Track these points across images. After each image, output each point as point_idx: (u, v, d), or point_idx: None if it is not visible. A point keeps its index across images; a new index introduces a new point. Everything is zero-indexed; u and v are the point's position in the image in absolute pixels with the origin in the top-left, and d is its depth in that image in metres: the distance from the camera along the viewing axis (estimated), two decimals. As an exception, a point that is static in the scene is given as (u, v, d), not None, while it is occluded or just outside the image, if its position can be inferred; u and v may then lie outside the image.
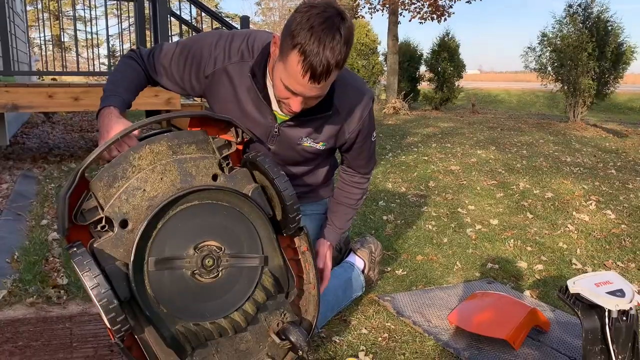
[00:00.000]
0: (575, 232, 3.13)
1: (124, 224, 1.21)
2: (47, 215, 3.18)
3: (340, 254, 2.23)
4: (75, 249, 1.12)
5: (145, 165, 1.23)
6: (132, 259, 1.17)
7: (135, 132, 1.27)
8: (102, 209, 1.19)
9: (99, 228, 1.20)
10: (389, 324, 1.91)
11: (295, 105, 1.37)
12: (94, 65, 7.21)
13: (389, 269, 2.49)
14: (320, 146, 1.62)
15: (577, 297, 1.52)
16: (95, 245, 1.18)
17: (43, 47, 6.85)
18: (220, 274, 1.29)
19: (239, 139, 1.40)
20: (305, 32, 1.22)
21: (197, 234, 1.26)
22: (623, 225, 3.26)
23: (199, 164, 1.29)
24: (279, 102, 1.44)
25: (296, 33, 1.24)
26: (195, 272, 1.26)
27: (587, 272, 2.48)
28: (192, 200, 1.25)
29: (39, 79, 9.76)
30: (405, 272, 2.46)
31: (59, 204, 1.15)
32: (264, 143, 1.59)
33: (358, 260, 2.13)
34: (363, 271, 2.12)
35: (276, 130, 1.56)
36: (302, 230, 1.45)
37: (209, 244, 1.27)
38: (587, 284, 1.52)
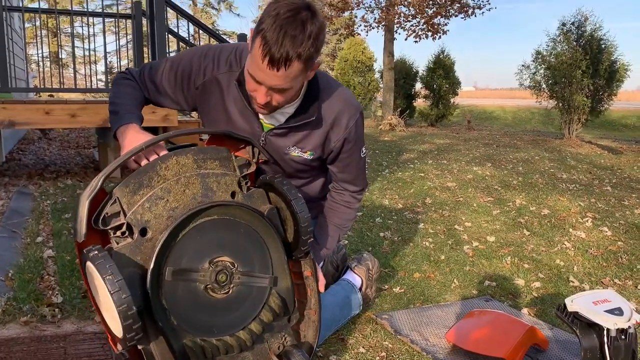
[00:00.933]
0: (572, 249, 3.13)
1: (143, 232, 1.22)
2: (42, 232, 3.16)
3: (337, 272, 2.22)
4: (96, 252, 1.11)
5: (170, 176, 1.26)
6: (151, 267, 1.17)
7: (162, 143, 1.30)
8: (125, 215, 1.21)
9: (118, 234, 1.21)
10: (386, 342, 1.90)
11: (260, 96, 1.35)
12: (91, 82, 7.23)
13: (387, 286, 2.48)
14: (307, 155, 1.61)
15: (576, 316, 1.51)
16: (114, 250, 1.18)
17: (41, 63, 6.86)
18: (231, 291, 1.29)
19: (254, 159, 1.42)
20: (269, 20, 1.25)
21: (214, 249, 1.27)
22: (620, 242, 3.26)
23: (220, 180, 1.32)
24: (250, 100, 1.45)
25: (262, 20, 1.27)
26: (208, 286, 1.26)
27: (584, 290, 2.48)
28: (212, 214, 1.27)
29: (36, 95, 9.78)
30: (402, 290, 2.45)
31: (77, 207, 1.16)
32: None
33: (355, 278, 2.12)
34: (360, 289, 2.11)
35: (263, 139, 1.56)
36: (308, 255, 1.45)
37: (224, 259, 1.28)
38: (585, 302, 1.52)
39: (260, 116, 1.53)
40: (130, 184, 1.22)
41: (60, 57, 5.92)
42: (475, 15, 13.24)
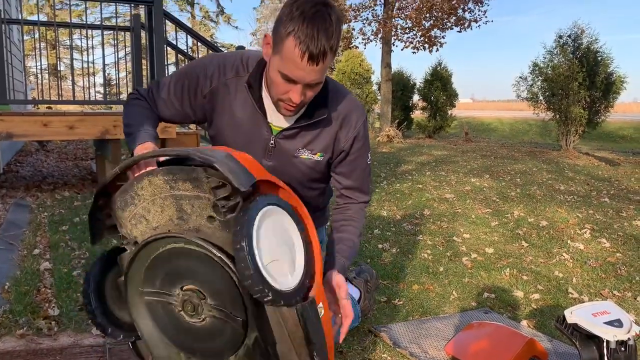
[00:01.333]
0: (571, 260, 3.13)
1: (135, 245, 1.24)
2: (39, 244, 3.14)
3: (336, 284, 2.21)
4: None
5: (148, 197, 1.23)
6: (124, 280, 1.23)
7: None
8: (120, 228, 1.26)
9: (124, 242, 1.26)
10: (385, 355, 1.88)
11: (296, 95, 1.37)
12: (89, 94, 7.25)
13: (385, 298, 2.47)
14: (318, 157, 1.60)
15: (575, 328, 1.51)
16: (119, 256, 1.26)
17: (39, 75, 6.89)
18: (204, 321, 1.21)
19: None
20: (297, 19, 1.27)
21: (183, 276, 1.21)
22: (618, 254, 3.26)
23: (194, 202, 1.21)
24: (276, 104, 1.45)
25: (289, 22, 1.28)
26: (180, 310, 1.22)
27: (584, 302, 2.48)
28: (179, 242, 1.19)
29: (34, 107, 9.79)
30: (401, 302, 2.44)
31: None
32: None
33: (353, 290, 2.11)
34: (359, 301, 2.10)
35: (272, 143, 1.56)
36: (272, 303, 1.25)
37: (192, 288, 1.20)
38: (585, 314, 1.51)
39: (269, 119, 1.53)
40: (117, 200, 1.23)
41: (58, 69, 5.93)
42: (472, 29, 13.35)
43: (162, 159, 1.29)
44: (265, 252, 1.08)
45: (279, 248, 1.13)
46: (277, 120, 1.54)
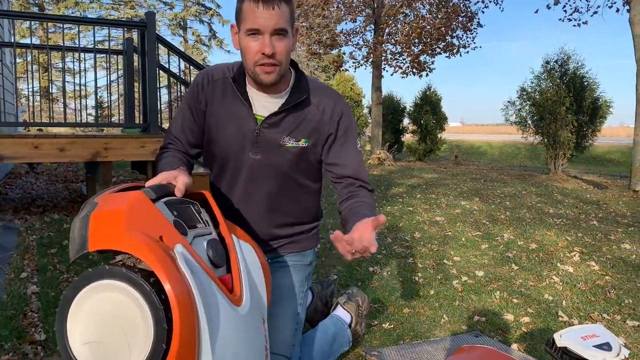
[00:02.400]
0: (561, 283, 3.14)
1: None
2: (27, 267, 3.11)
3: (327, 307, 2.20)
4: None
5: None
6: None
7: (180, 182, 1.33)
8: None
9: None
10: (376, 379, 1.87)
11: (266, 46, 1.43)
12: (81, 116, 7.24)
13: (376, 322, 2.46)
14: (302, 143, 1.62)
15: (564, 351, 1.50)
16: None
17: (31, 98, 6.89)
18: None
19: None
20: None
21: None
22: (607, 277, 3.28)
23: None
24: (255, 73, 1.49)
25: None
26: None
27: (573, 325, 2.48)
28: None
29: (25, 129, 9.76)
30: (392, 326, 2.43)
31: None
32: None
33: (344, 314, 2.11)
34: (350, 325, 2.09)
35: (257, 132, 1.59)
36: None
37: None
38: (574, 337, 1.51)
39: (254, 109, 1.58)
40: None
41: (50, 91, 5.95)
42: (461, 55, 13.55)
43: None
44: (81, 331, 0.98)
45: (107, 330, 0.98)
46: (262, 110, 1.59)
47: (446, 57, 13.53)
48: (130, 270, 0.99)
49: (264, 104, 1.59)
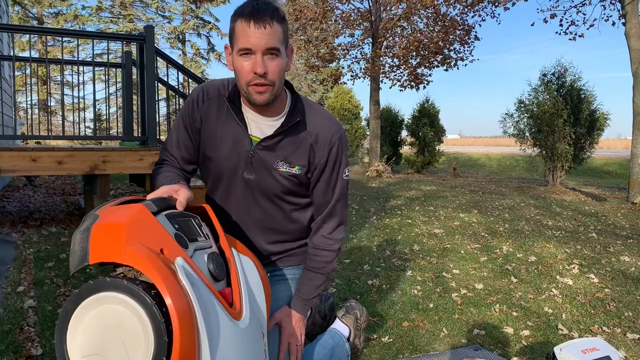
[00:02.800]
0: (560, 296, 3.13)
1: None
2: (24, 281, 3.09)
3: (325, 321, 2.19)
4: None
5: None
6: None
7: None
8: None
9: None
10: (375, 394, 1.85)
11: (258, 66, 1.42)
12: (79, 129, 7.25)
13: (375, 335, 2.45)
14: (296, 170, 1.61)
15: (565, 365, 1.50)
16: None
17: (29, 111, 6.90)
18: None
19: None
20: (239, 8, 1.43)
21: None
22: (607, 289, 3.27)
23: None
24: (248, 93, 1.48)
25: (233, 16, 1.44)
26: None
27: (573, 338, 2.47)
28: None
29: (23, 142, 9.76)
30: (391, 339, 2.42)
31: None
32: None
33: (343, 328, 2.09)
34: (348, 339, 2.08)
35: (252, 153, 1.58)
36: None
37: None
38: (574, 351, 1.51)
39: (250, 130, 1.57)
40: None
41: (49, 104, 5.95)
42: (458, 68, 13.61)
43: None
44: (82, 345, 0.98)
45: (107, 342, 0.98)
46: (257, 132, 1.58)
47: (444, 70, 13.60)
48: (131, 282, 0.99)
49: (259, 125, 1.58)
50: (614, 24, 10.23)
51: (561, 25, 10.10)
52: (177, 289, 1.00)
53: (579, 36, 10.21)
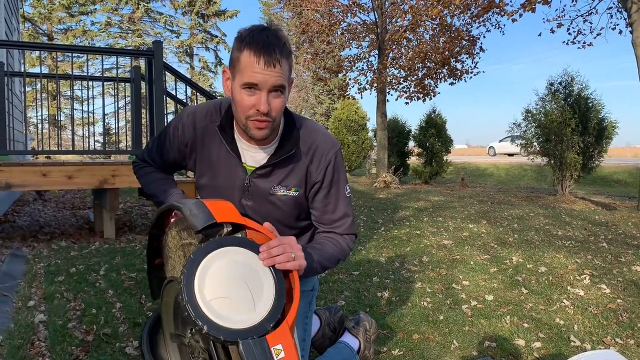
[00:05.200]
0: (572, 307, 3.10)
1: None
2: (34, 296, 3.11)
3: (335, 334, 2.18)
4: None
5: (173, 247, 1.37)
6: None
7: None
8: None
9: None
10: (386, 408, 1.84)
11: (262, 104, 1.38)
12: (88, 143, 7.33)
13: (385, 348, 2.43)
14: (293, 192, 1.59)
15: (578, 377, 1.48)
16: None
17: (39, 125, 6.97)
18: None
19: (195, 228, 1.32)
20: (247, 37, 1.38)
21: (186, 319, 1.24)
22: (619, 300, 3.23)
23: (190, 249, 1.31)
24: (246, 126, 1.45)
25: (240, 43, 1.39)
26: (190, 353, 1.26)
27: (586, 350, 2.44)
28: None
29: (33, 157, 9.86)
30: (401, 352, 2.40)
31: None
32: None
33: (352, 340, 2.09)
34: (358, 351, 2.07)
35: (248, 182, 1.57)
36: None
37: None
38: (587, 363, 1.49)
39: (243, 159, 1.56)
40: (163, 256, 1.41)
41: (59, 119, 6.02)
42: (465, 81, 13.60)
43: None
44: (209, 288, 1.11)
45: (234, 287, 1.14)
46: (251, 160, 1.57)
47: (450, 84, 13.61)
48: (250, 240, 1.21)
49: (252, 155, 1.56)
50: (620, 32, 10.23)
51: (569, 33, 10.10)
52: None
53: (588, 45, 10.21)
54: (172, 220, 1.40)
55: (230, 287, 1.13)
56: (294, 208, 1.63)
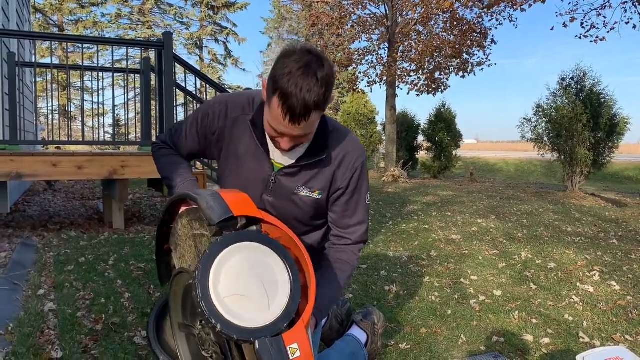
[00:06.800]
0: (581, 303, 3.08)
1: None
2: (44, 285, 3.13)
3: (342, 327, 2.18)
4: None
5: (183, 237, 1.38)
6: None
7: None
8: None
9: None
10: (393, 401, 1.84)
11: (284, 144, 1.43)
12: (98, 134, 7.36)
13: (392, 342, 2.43)
14: (316, 195, 1.61)
15: (588, 374, 1.47)
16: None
17: (50, 116, 7.01)
18: (212, 357, 1.24)
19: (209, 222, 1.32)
20: (284, 78, 1.30)
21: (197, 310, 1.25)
22: (629, 297, 3.21)
23: (202, 240, 1.31)
24: (272, 139, 1.48)
25: (277, 79, 1.32)
26: (200, 345, 1.26)
27: (595, 347, 2.43)
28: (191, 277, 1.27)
29: (43, 147, 9.92)
30: (409, 346, 2.40)
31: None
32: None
33: (360, 333, 2.09)
34: (366, 345, 2.07)
35: (273, 179, 1.59)
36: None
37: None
38: (597, 360, 1.48)
39: (272, 155, 1.57)
40: (171, 243, 1.42)
41: (69, 110, 6.04)
42: (475, 74, 13.50)
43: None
44: (224, 285, 1.09)
45: (249, 284, 1.12)
46: (279, 158, 1.57)
47: (461, 77, 13.52)
48: (266, 236, 1.17)
49: (281, 153, 1.56)
50: (635, 27, 10.10)
51: (583, 27, 9.99)
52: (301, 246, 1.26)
53: (601, 39, 10.10)
54: (183, 209, 1.39)
55: (246, 284, 1.11)
56: (313, 209, 1.65)
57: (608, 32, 9.82)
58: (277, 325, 1.10)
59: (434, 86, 13.58)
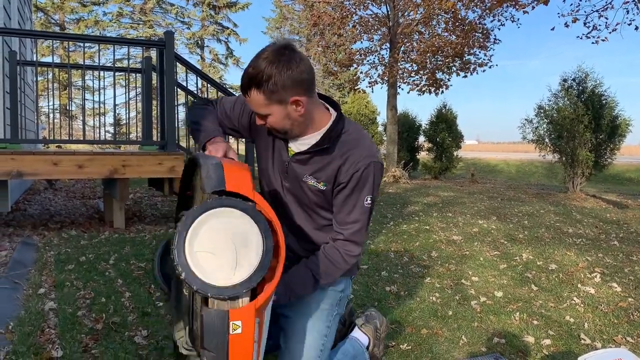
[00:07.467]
0: (582, 305, 3.07)
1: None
2: (44, 283, 3.13)
3: (345, 327, 2.17)
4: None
5: (197, 185, 1.49)
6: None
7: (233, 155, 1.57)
8: None
9: None
10: (394, 402, 1.83)
11: (258, 120, 1.59)
12: (99, 133, 7.36)
13: (393, 343, 2.43)
14: (321, 186, 1.67)
15: (590, 376, 1.46)
16: None
17: (51, 115, 7.00)
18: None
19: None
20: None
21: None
22: (630, 299, 3.20)
23: (204, 195, 1.43)
24: None
25: None
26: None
27: (596, 348, 2.42)
28: None
29: (44, 146, 9.92)
30: (410, 347, 2.39)
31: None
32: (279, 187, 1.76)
33: (362, 337, 2.08)
34: (368, 348, 2.06)
35: (287, 163, 1.70)
36: None
37: None
38: (599, 362, 1.47)
39: (289, 143, 1.69)
40: (192, 188, 1.62)
41: (69, 109, 6.04)
42: (477, 73, 13.49)
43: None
44: (199, 241, 1.17)
45: (223, 248, 1.18)
46: (294, 146, 1.68)
47: (463, 77, 13.51)
48: (253, 207, 1.22)
49: (294, 143, 1.68)
50: (637, 28, 10.09)
51: (586, 26, 9.96)
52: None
53: (602, 40, 10.08)
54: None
55: (218, 244, 1.17)
56: (319, 199, 1.71)
57: (610, 33, 9.79)
58: (236, 289, 1.16)
59: (435, 85, 13.57)
